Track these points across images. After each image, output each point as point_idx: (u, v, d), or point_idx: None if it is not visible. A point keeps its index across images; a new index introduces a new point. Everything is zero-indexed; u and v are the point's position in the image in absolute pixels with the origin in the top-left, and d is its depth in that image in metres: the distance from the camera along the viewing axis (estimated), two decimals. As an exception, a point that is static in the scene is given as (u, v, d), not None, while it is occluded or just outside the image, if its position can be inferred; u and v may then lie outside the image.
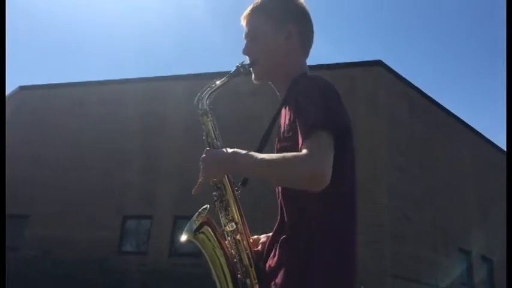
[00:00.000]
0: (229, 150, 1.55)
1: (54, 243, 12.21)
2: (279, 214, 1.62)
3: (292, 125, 1.51)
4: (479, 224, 14.01)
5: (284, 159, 1.42)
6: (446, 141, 14.20)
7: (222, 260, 1.60)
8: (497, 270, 14.05)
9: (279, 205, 1.63)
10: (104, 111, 14.28)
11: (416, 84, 13.68)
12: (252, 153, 1.48)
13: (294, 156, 1.40)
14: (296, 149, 1.42)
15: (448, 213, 13.28)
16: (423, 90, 13.87)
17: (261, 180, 1.49)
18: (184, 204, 11.38)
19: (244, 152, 1.50)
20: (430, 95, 14.11)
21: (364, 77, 12.50)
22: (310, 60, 1.79)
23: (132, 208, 13.09)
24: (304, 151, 1.38)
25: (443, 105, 14.55)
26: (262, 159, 1.45)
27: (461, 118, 15.27)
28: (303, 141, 1.40)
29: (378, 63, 12.66)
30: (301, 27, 1.74)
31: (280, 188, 1.61)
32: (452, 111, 14.91)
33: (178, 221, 12.15)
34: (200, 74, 12.53)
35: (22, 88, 15.87)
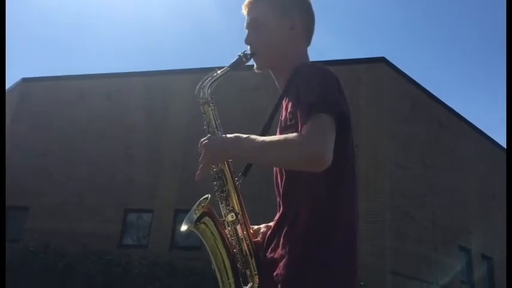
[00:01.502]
0: (230, 135, 1.54)
1: (56, 236, 12.24)
2: (279, 205, 1.61)
3: (293, 113, 1.51)
4: (480, 223, 14.02)
5: (285, 140, 1.42)
6: (448, 139, 14.18)
7: (223, 250, 1.60)
8: (497, 269, 14.07)
9: (279, 196, 1.62)
10: (106, 104, 14.28)
11: (419, 82, 13.67)
12: (253, 136, 1.49)
13: (295, 137, 1.40)
14: None
15: (448, 212, 13.28)
16: (426, 88, 13.86)
17: (263, 174, 1.49)
18: (185, 198, 11.40)
19: (245, 136, 1.50)
20: (433, 93, 14.11)
21: (368, 74, 12.47)
22: (314, 56, 1.79)
23: (133, 201, 13.12)
24: (304, 132, 1.39)
25: (446, 103, 14.54)
26: (263, 142, 1.45)
27: (464, 116, 15.25)
28: (303, 124, 1.41)
29: (381, 60, 12.63)
30: (304, 18, 1.74)
31: (281, 177, 1.61)
32: (455, 109, 14.90)
33: (179, 215, 12.18)
34: (203, 68, 12.50)
35: (25, 80, 15.87)
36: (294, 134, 1.41)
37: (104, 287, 10.51)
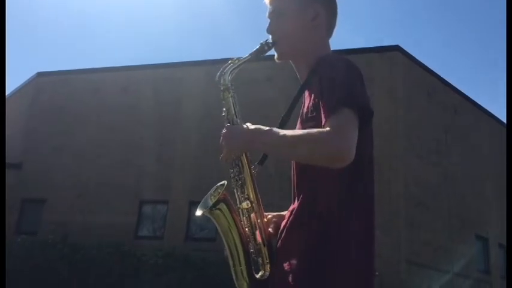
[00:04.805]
0: (251, 126, 1.54)
1: (72, 228, 12.39)
2: (293, 196, 1.61)
3: (316, 105, 1.49)
4: (497, 211, 13.88)
5: (308, 135, 1.40)
6: (464, 127, 14.03)
7: (236, 237, 1.61)
8: (515, 258, 13.94)
9: (294, 185, 1.62)
10: (121, 97, 14.34)
11: (434, 70, 13.52)
12: (275, 129, 1.47)
13: (318, 133, 1.38)
14: (320, 128, 1.41)
15: (464, 200, 13.17)
16: (441, 76, 13.70)
17: (277, 166, 1.48)
18: (200, 190, 11.43)
19: (266, 128, 1.48)
20: (449, 81, 13.94)
21: (381, 62, 12.36)
22: (327, 46, 1.77)
23: (148, 193, 13.20)
24: (328, 128, 1.36)
25: (462, 90, 14.37)
26: (284, 136, 1.43)
27: (480, 104, 15.07)
28: (326, 119, 1.39)
29: (395, 48, 12.50)
30: (327, 8, 1.72)
31: (297, 168, 1.60)
32: (471, 97, 14.71)
33: (194, 207, 12.21)
34: (216, 59, 12.47)
35: (40, 74, 16.00)
36: (317, 130, 1.39)
37: (120, 278, 10.63)
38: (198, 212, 1.64)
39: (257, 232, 1.58)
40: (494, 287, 13.35)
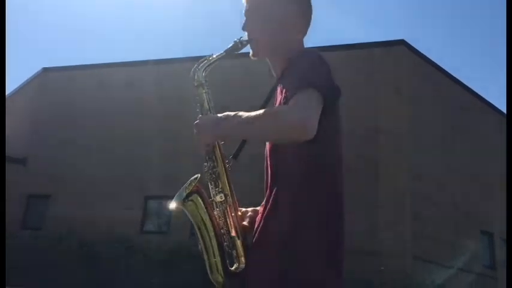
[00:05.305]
0: (220, 114, 1.58)
1: (77, 223, 12.44)
2: (265, 189, 1.63)
3: (287, 99, 1.50)
4: (502, 206, 13.83)
5: (269, 110, 1.46)
6: (470, 122, 13.96)
7: (210, 229, 1.62)
8: (521, 253, 13.91)
9: (266, 181, 1.64)
10: (125, 92, 14.37)
11: (440, 65, 13.44)
12: (241, 112, 1.51)
13: (280, 107, 1.44)
14: None
15: (470, 195, 13.13)
16: (447, 71, 13.62)
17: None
18: (205, 185, 11.45)
19: (233, 113, 1.53)
20: (455, 75, 13.86)
21: (386, 57, 12.30)
22: (330, 40, 1.79)
23: (154, 189, 13.23)
24: (290, 103, 1.41)
25: (468, 86, 14.29)
26: (249, 115, 1.47)
27: (486, 99, 14.99)
28: (290, 99, 1.42)
29: (401, 43, 12.43)
30: (303, 7, 1.74)
31: (271, 161, 1.62)
32: (477, 92, 14.63)
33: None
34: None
35: (45, 70, 16.05)
36: (279, 106, 1.45)
37: (126, 273, 10.69)
38: (172, 205, 1.64)
39: (231, 225, 1.60)
40: (499, 282, 13.32)
